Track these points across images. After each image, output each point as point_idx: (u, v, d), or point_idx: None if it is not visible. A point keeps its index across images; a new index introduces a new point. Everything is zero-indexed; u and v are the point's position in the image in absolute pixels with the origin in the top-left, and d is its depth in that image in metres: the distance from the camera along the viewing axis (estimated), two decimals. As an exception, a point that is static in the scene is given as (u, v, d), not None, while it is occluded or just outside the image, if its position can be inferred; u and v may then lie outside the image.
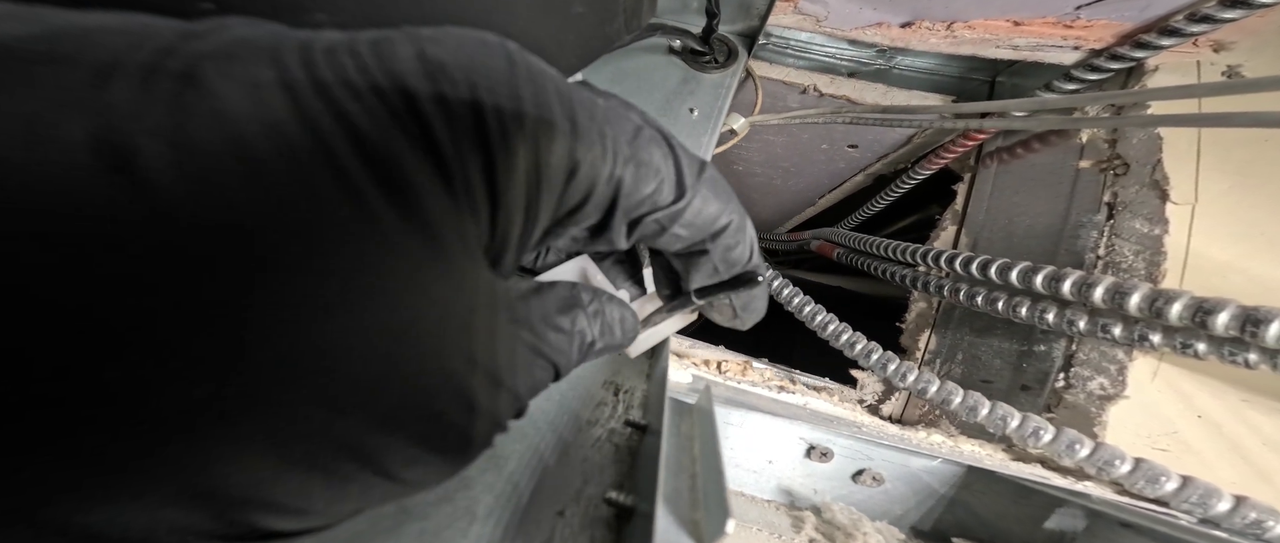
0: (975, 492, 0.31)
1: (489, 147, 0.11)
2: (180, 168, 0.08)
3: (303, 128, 0.09)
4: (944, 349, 0.51)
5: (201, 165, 0.08)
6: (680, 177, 0.14)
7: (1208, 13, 0.37)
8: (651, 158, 0.14)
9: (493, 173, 0.11)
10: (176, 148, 0.08)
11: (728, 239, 0.17)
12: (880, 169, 0.76)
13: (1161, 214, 0.40)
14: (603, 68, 0.48)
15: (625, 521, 0.19)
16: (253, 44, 0.10)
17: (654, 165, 0.14)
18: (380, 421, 0.10)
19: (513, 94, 0.12)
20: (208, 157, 0.09)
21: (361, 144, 0.10)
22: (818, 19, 0.49)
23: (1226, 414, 0.35)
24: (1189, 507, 0.28)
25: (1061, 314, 0.38)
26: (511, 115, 0.11)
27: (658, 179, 0.14)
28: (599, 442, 0.25)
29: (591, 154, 0.13)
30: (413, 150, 0.10)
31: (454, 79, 0.11)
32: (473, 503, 0.20)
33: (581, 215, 0.14)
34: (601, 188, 0.13)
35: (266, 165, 0.09)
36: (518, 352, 0.13)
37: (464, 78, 0.11)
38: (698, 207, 0.15)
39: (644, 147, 0.14)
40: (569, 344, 0.14)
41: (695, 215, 0.15)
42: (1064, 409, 0.40)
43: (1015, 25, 0.45)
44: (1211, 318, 0.30)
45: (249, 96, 0.09)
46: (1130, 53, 0.43)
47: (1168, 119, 0.35)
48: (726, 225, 0.16)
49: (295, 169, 0.09)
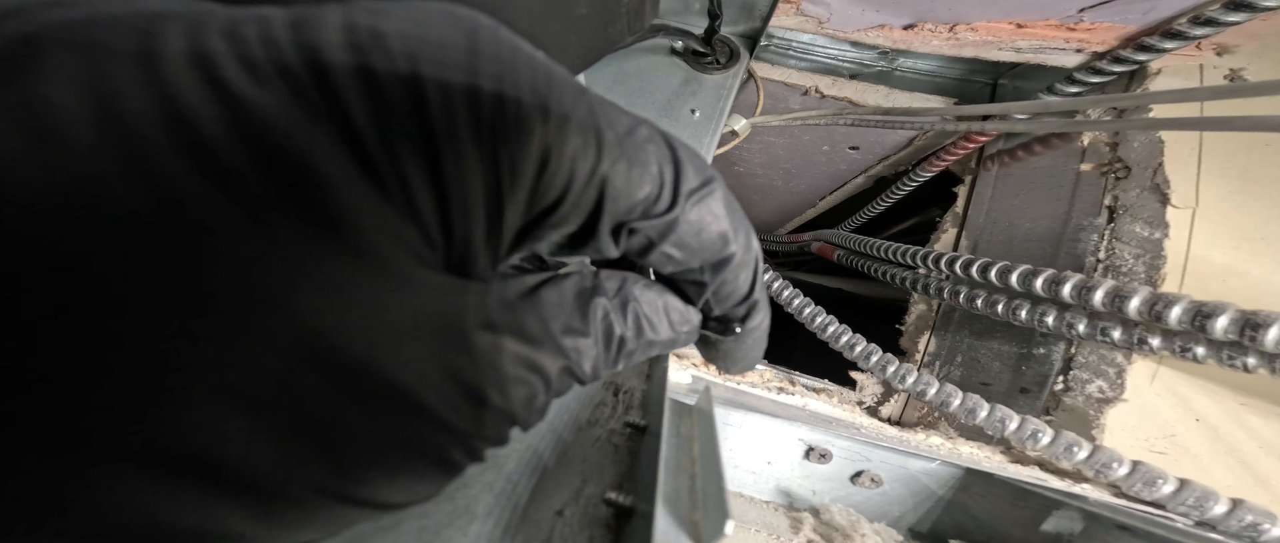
0: (973, 494, 0.31)
1: (431, 132, 0.10)
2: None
3: (155, 110, 0.08)
4: (943, 352, 0.51)
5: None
6: (678, 184, 0.12)
7: (1212, 16, 0.37)
8: (646, 157, 0.12)
9: (437, 163, 0.10)
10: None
11: (729, 274, 0.14)
12: (881, 171, 0.76)
13: (1162, 218, 0.40)
14: (605, 69, 0.48)
15: (624, 521, 0.19)
16: (132, 17, 0.09)
17: (648, 166, 0.12)
18: (307, 435, 0.09)
19: (468, 70, 0.10)
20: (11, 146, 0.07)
21: (246, 129, 0.09)
22: (820, 21, 0.49)
23: (1224, 418, 0.35)
24: (1186, 510, 0.28)
25: (1061, 317, 0.38)
26: (463, 94, 0.10)
27: (654, 184, 0.12)
28: (598, 442, 0.25)
29: (570, 146, 0.11)
30: (320, 136, 0.09)
31: (390, 52, 0.09)
32: (472, 502, 0.20)
33: (559, 217, 0.12)
34: (581, 186, 0.11)
35: (79, 156, 0.08)
36: (503, 364, 0.11)
37: (403, 50, 0.10)
38: (696, 222, 0.13)
39: (638, 144, 0.12)
40: (589, 345, 0.12)
41: (693, 234, 0.13)
42: (1062, 412, 0.40)
43: (1018, 27, 0.45)
44: (1211, 322, 0.30)
45: (83, 76, 0.08)
46: (1133, 56, 0.43)
47: (1170, 122, 0.35)
48: (729, 257, 0.14)
49: (126, 159, 0.08)
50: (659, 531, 0.12)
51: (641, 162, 0.12)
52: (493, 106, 0.10)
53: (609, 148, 0.11)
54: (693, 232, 0.13)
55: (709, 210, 0.13)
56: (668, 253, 0.13)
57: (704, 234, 0.13)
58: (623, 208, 0.12)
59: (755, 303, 0.15)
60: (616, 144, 0.12)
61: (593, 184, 0.11)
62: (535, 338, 0.12)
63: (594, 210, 0.12)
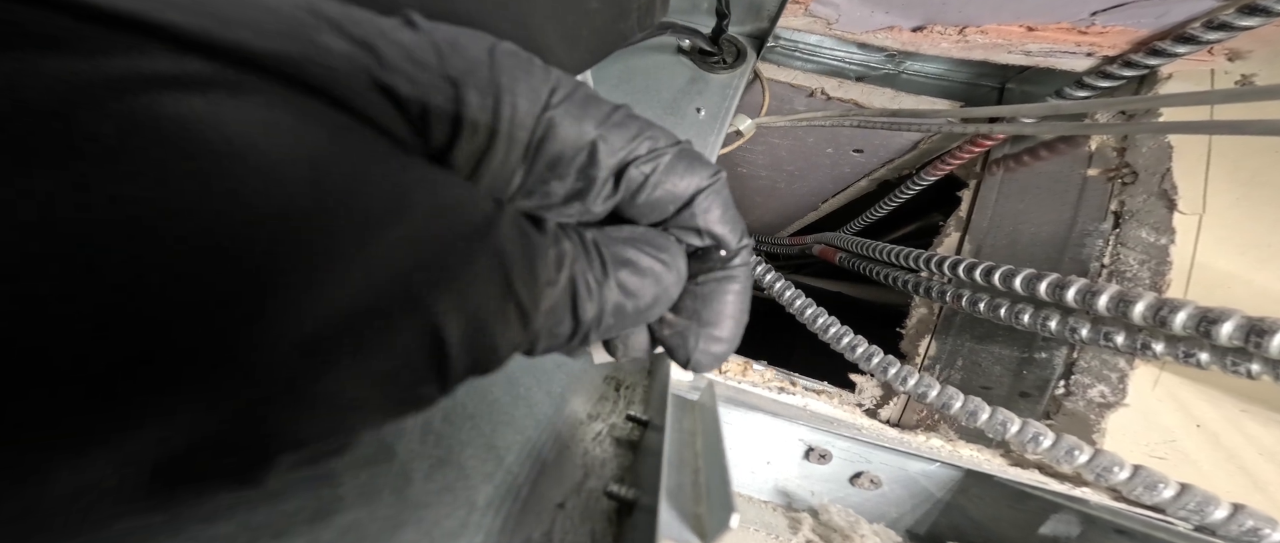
0: (971, 496, 0.31)
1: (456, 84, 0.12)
2: None
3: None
4: (944, 355, 0.51)
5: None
6: (655, 146, 0.15)
7: (1225, 20, 0.37)
8: (632, 126, 0.14)
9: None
10: None
11: (703, 202, 0.16)
12: (885, 174, 0.76)
13: (1169, 224, 0.40)
14: (612, 65, 0.48)
15: (626, 514, 0.19)
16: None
17: (636, 131, 0.14)
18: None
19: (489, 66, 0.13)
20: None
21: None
22: (829, 22, 0.49)
23: (1225, 424, 0.35)
24: (1186, 514, 0.28)
25: (1064, 322, 0.38)
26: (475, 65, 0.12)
27: (649, 142, 0.14)
28: (600, 436, 0.25)
29: (567, 118, 0.13)
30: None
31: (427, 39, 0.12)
32: (472, 493, 0.20)
33: (561, 167, 0.14)
34: (574, 143, 0.14)
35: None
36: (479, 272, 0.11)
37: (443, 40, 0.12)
38: (671, 168, 0.15)
39: (625, 120, 0.14)
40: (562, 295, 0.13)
41: (671, 176, 0.15)
42: (1063, 416, 0.40)
43: (1028, 30, 0.44)
44: (1216, 328, 0.30)
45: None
46: (1144, 60, 0.42)
47: (1180, 126, 0.35)
48: (704, 188, 0.16)
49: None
50: (663, 523, 0.12)
51: (629, 129, 0.14)
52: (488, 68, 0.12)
53: (595, 121, 0.14)
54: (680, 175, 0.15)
55: (684, 165, 0.15)
56: (670, 191, 0.15)
57: (680, 176, 0.15)
58: (619, 153, 0.14)
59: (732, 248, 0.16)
60: (604, 119, 0.14)
61: (584, 145, 0.14)
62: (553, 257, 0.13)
63: (590, 159, 0.14)
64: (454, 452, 0.21)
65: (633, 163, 0.14)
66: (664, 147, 0.15)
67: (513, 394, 0.25)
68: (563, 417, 0.25)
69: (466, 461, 0.21)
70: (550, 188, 0.14)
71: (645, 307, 0.15)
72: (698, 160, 0.16)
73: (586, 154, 0.14)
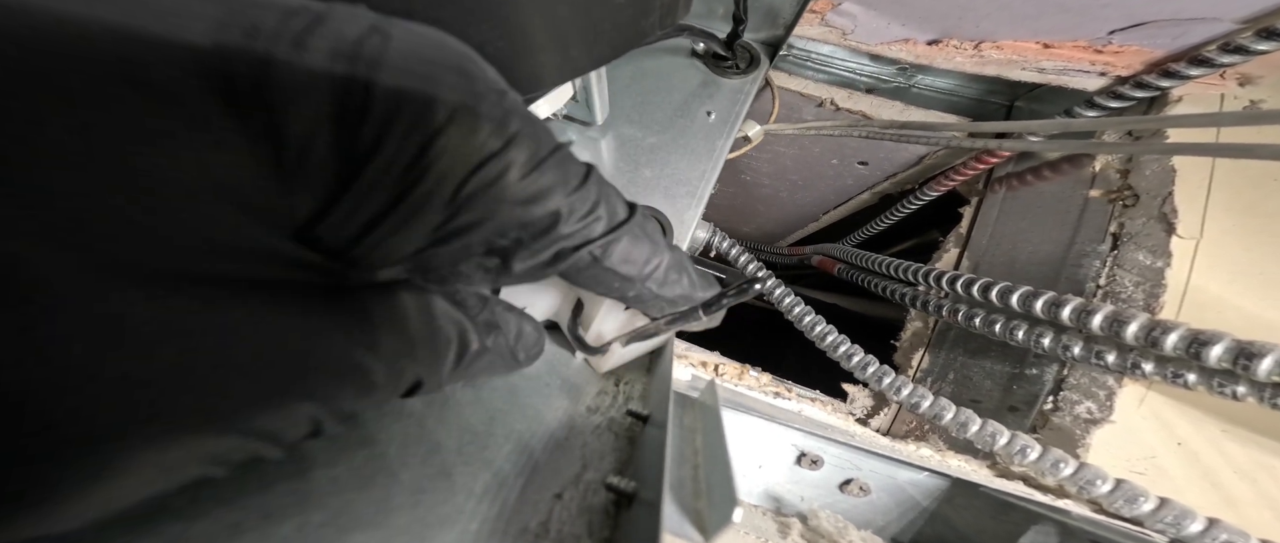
0: (956, 506, 0.31)
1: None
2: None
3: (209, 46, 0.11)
4: (936, 368, 0.51)
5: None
6: (614, 211, 0.15)
7: (1242, 43, 0.37)
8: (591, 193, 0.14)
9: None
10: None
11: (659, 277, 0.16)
12: (888, 188, 0.76)
13: (1166, 247, 0.40)
14: (624, 65, 0.48)
15: (624, 507, 0.19)
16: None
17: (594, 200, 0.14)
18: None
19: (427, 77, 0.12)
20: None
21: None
22: (844, 32, 0.49)
23: (1204, 444, 0.36)
24: (1163, 527, 0.29)
25: (1057, 339, 0.39)
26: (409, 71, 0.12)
27: (605, 219, 0.14)
28: (599, 429, 0.25)
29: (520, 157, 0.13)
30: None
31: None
32: (470, 480, 0.20)
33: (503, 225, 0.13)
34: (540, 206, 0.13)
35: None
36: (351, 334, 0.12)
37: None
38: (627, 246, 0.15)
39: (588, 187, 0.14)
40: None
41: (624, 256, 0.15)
42: (1049, 431, 0.41)
43: (1045, 48, 0.44)
44: (1206, 350, 0.31)
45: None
46: (1156, 82, 0.42)
47: (1188, 147, 0.35)
48: (657, 267, 0.16)
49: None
50: (667, 517, 0.13)
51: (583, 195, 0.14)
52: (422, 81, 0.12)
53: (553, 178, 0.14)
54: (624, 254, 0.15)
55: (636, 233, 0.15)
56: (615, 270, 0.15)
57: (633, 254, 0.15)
58: (568, 232, 0.14)
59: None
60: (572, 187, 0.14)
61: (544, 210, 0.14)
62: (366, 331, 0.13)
63: (539, 231, 0.14)
64: (449, 441, 0.21)
65: (587, 245, 0.14)
66: (620, 223, 0.15)
67: (510, 386, 0.25)
68: (562, 409, 0.26)
69: (463, 449, 0.21)
70: (470, 241, 0.13)
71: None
72: (651, 234, 0.16)
73: (547, 221, 0.13)
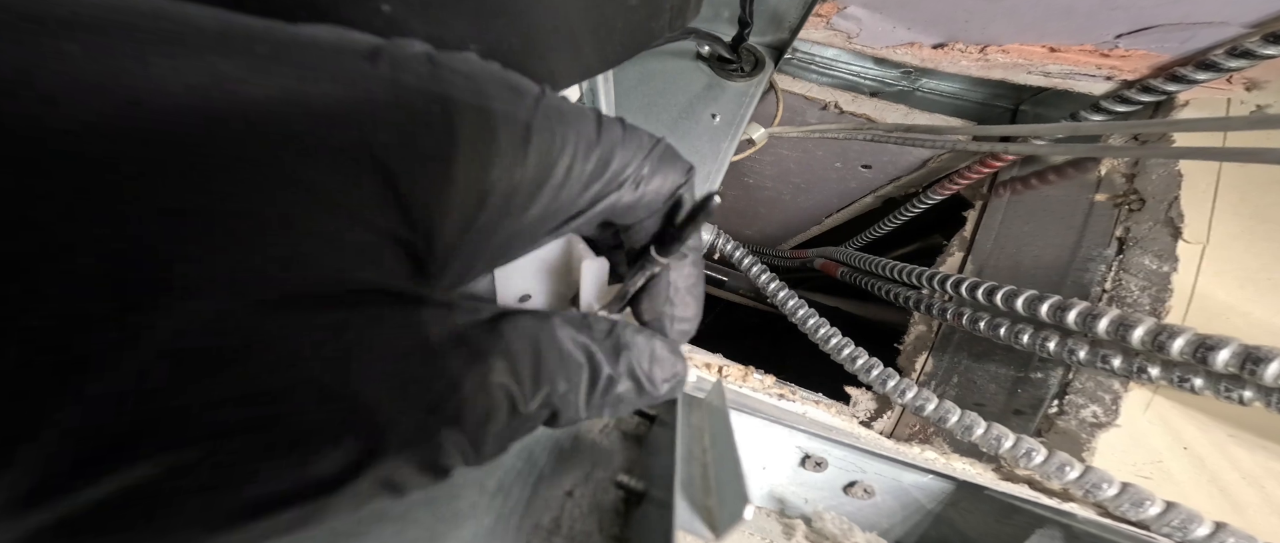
0: (961, 509, 0.31)
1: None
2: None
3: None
4: (940, 372, 0.51)
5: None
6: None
7: (1249, 48, 0.37)
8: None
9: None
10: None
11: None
12: (891, 192, 0.76)
13: (1172, 252, 0.40)
14: (631, 68, 0.48)
15: (634, 505, 0.20)
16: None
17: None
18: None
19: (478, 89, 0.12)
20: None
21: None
22: (849, 36, 0.49)
23: (1211, 448, 0.36)
24: (1170, 531, 0.29)
25: (1063, 343, 0.39)
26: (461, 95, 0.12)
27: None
28: (607, 429, 0.25)
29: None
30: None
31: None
32: (484, 476, 0.21)
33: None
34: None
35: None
36: (465, 380, 0.11)
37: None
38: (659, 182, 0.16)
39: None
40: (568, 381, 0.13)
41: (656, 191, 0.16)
42: (1054, 434, 0.41)
43: (1051, 51, 0.44)
44: (1213, 354, 0.31)
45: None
46: (1163, 86, 0.42)
47: (1194, 152, 0.35)
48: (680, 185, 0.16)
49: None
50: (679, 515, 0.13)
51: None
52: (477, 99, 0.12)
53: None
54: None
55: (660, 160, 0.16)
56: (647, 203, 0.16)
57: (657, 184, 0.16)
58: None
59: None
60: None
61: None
62: (504, 360, 0.12)
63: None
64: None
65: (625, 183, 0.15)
66: (646, 150, 0.15)
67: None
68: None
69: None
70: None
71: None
72: (675, 158, 0.16)
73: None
